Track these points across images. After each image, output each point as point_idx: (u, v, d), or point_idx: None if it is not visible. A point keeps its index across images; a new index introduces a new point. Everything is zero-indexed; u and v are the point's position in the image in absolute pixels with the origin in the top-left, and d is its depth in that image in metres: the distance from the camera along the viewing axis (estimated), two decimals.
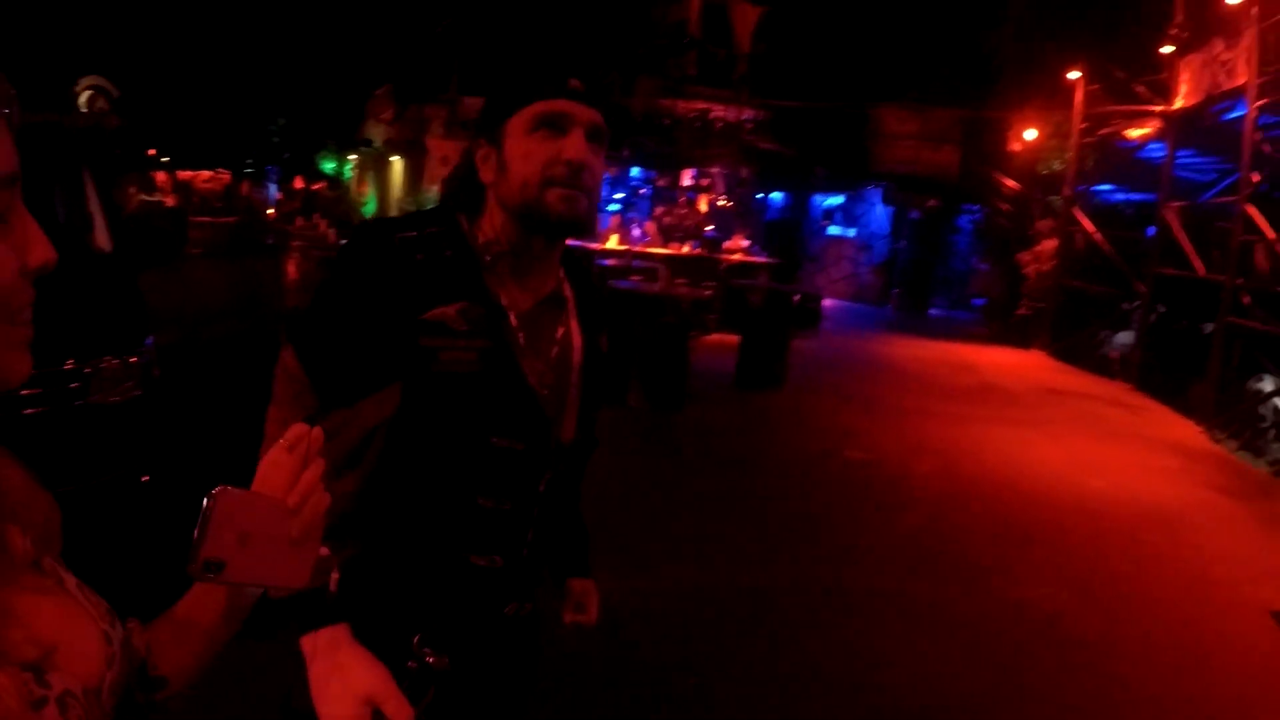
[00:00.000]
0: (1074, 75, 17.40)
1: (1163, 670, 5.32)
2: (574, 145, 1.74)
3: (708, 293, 14.30)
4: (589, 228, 1.87)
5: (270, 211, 36.52)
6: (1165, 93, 14.84)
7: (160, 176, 30.02)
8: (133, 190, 25.89)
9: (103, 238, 6.21)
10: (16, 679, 0.81)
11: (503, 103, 1.80)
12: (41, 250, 0.87)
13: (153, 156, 30.63)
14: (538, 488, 1.83)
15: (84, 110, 24.98)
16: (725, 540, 6.84)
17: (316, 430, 1.19)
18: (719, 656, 5.04)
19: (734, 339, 12.93)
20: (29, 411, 4.18)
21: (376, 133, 33.41)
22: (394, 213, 32.64)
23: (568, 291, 1.93)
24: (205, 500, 1.05)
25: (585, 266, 2.06)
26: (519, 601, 1.87)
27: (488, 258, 1.79)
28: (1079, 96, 17.48)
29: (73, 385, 4.43)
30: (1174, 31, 14.21)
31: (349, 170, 40.73)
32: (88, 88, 26.60)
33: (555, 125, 1.75)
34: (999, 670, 5.16)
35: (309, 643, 1.57)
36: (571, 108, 1.75)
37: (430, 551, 1.77)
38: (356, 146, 37.22)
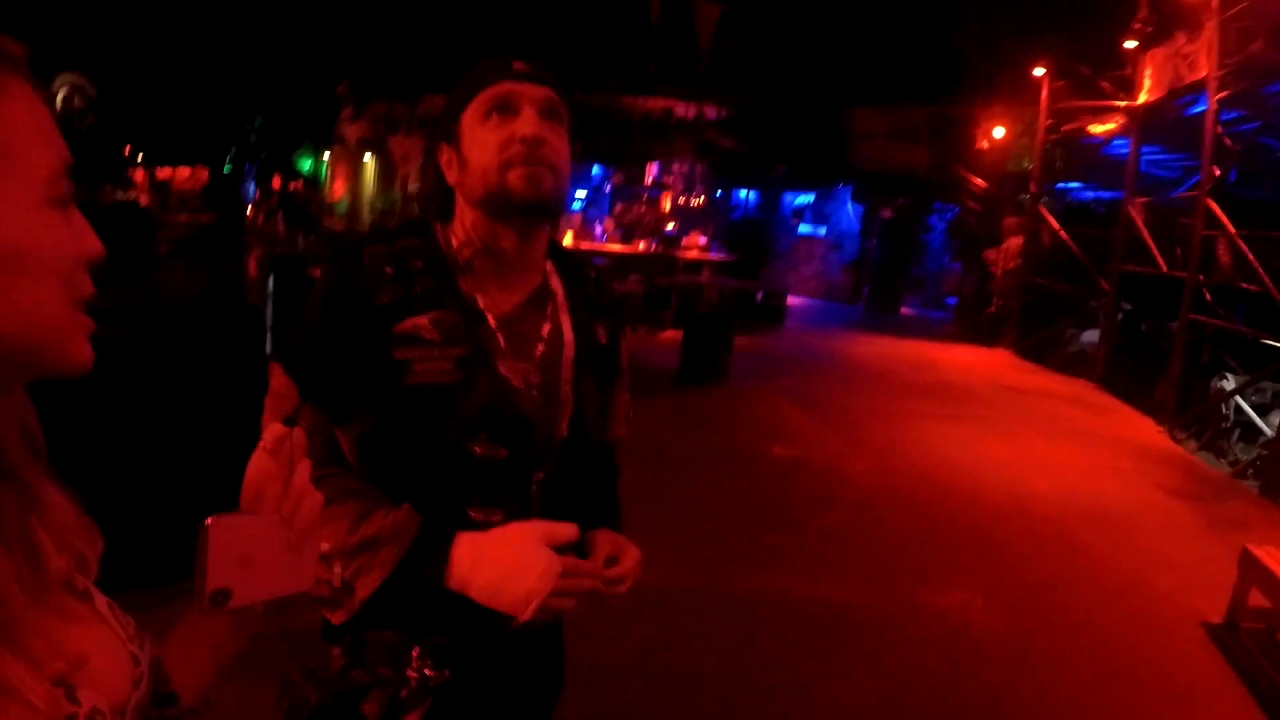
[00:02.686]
0: (1039, 72, 16.94)
1: (1074, 681, 4.85)
2: (526, 122, 1.70)
3: (637, 288, 13.83)
4: (557, 207, 1.79)
5: (248, 210, 36.31)
6: (1130, 88, 14.36)
7: (138, 174, 29.76)
8: (109, 186, 25.57)
9: None
10: (49, 691, 0.81)
11: (455, 101, 1.78)
12: (94, 243, 0.91)
13: (129, 155, 30.30)
14: (528, 492, 1.77)
15: (60, 108, 24.62)
16: (640, 536, 6.30)
17: (298, 431, 1.18)
18: (582, 654, 4.58)
19: None
20: None
21: (350, 131, 32.99)
22: (365, 211, 32.42)
23: (555, 285, 1.89)
24: (199, 534, 1.05)
25: (577, 259, 2.01)
26: None
27: (461, 261, 1.75)
28: (1044, 93, 17.01)
29: None
30: (1138, 25, 13.74)
31: (325, 168, 40.34)
32: (65, 85, 26.27)
33: (505, 107, 1.71)
34: (887, 676, 4.70)
35: (457, 582, 1.59)
36: (519, 87, 1.72)
37: None
38: (331, 145, 36.75)
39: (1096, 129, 15.40)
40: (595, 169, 23.76)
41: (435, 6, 22.44)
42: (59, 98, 26.14)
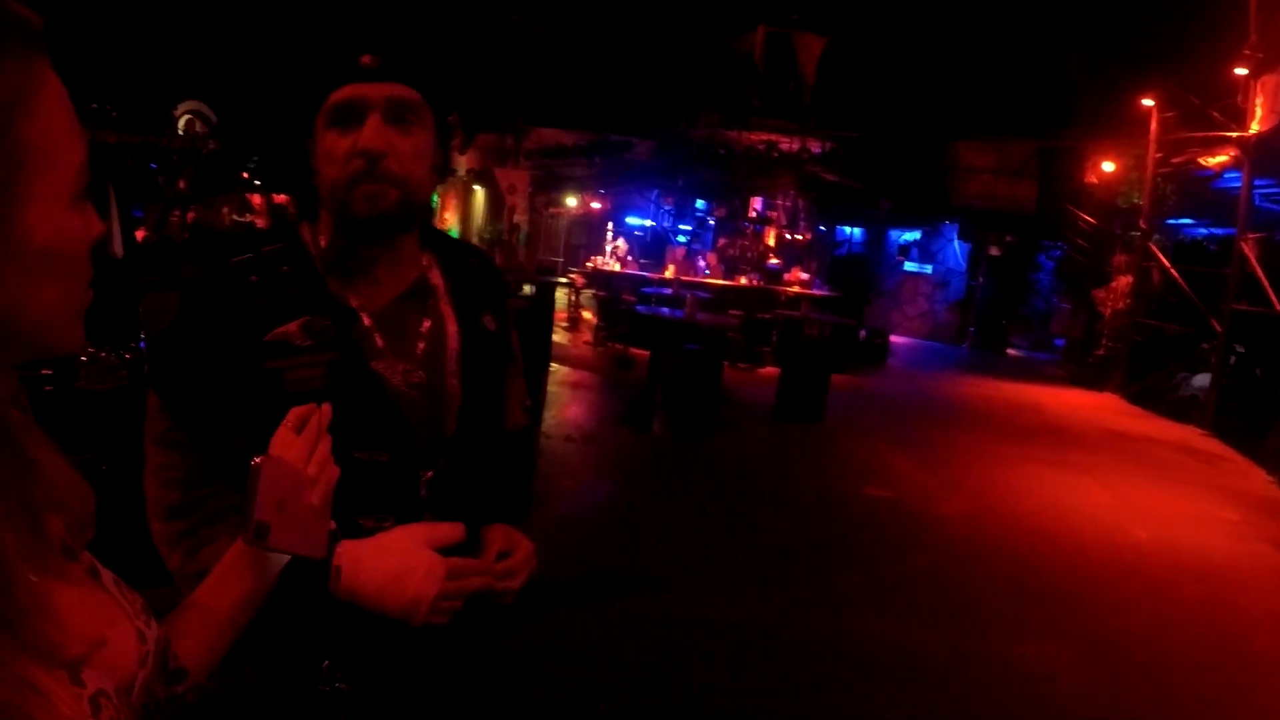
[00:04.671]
0: (1148, 102, 16.48)
1: None
2: (367, 133, 1.62)
3: (733, 321, 13.70)
4: (406, 220, 1.71)
5: None
6: (1241, 118, 13.86)
7: (255, 199, 30.61)
8: (226, 210, 26.38)
9: (117, 246, 7.18)
10: (62, 681, 0.81)
11: (305, 100, 1.71)
12: (99, 225, 0.93)
13: (248, 180, 31.19)
14: (418, 494, 1.70)
15: (182, 133, 25.53)
16: (717, 573, 6.37)
17: (325, 406, 1.32)
18: (648, 691, 4.64)
19: None
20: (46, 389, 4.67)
21: (461, 162, 33.61)
22: (474, 240, 32.91)
23: (436, 279, 1.82)
24: (252, 467, 1.18)
25: (460, 248, 1.96)
26: None
27: (331, 261, 1.70)
28: (1154, 124, 16.52)
29: (70, 370, 4.96)
30: (1247, 51, 13.28)
31: (435, 198, 41.19)
32: (186, 112, 27.20)
33: (348, 116, 1.63)
34: None
35: (343, 592, 1.51)
36: (361, 90, 1.63)
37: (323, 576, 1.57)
38: (442, 175, 37.50)
39: (1207, 161, 14.90)
40: (699, 203, 23.78)
41: (540, 42, 22.73)
42: (180, 123, 27.02)
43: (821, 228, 23.11)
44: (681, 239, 23.16)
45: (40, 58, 0.85)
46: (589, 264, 20.61)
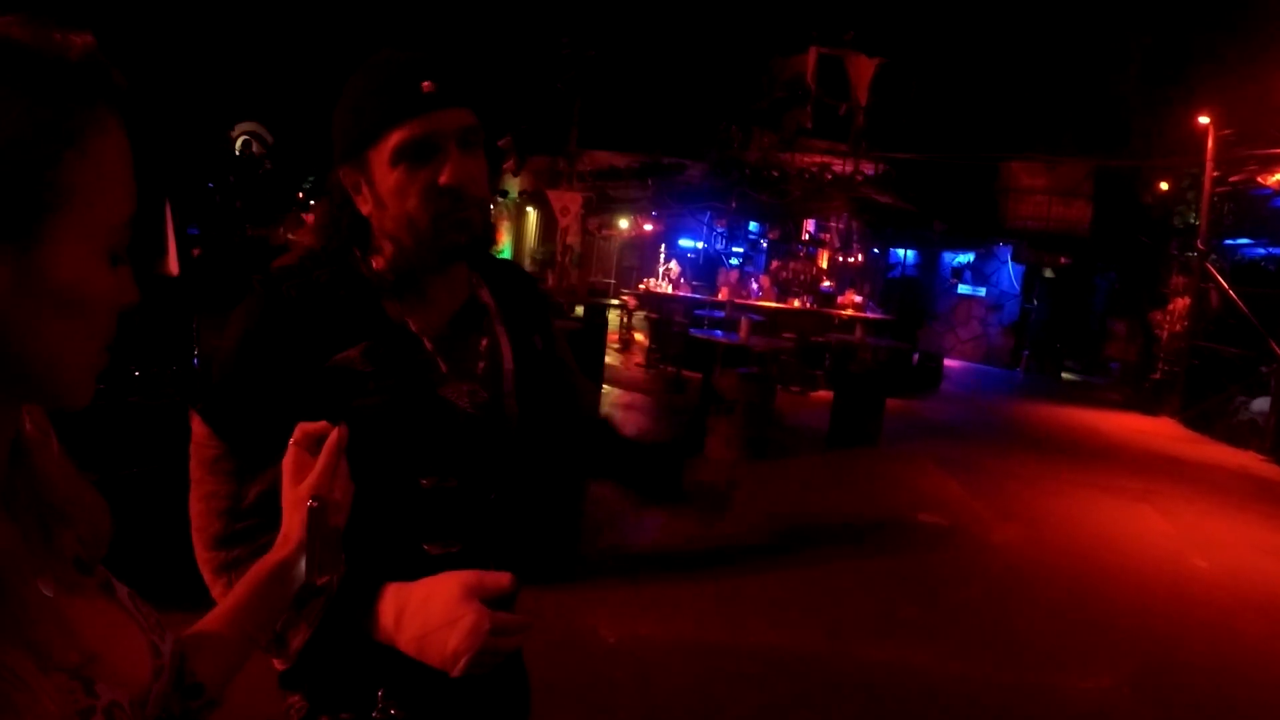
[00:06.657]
0: (1204, 120, 16.28)
1: None
2: (450, 169, 1.57)
3: (787, 344, 13.69)
4: (489, 240, 1.71)
5: None
6: None
7: (309, 218, 31.12)
8: (282, 229, 26.71)
9: (173, 264, 7.20)
10: (62, 685, 0.82)
11: (360, 127, 1.61)
12: (134, 293, 0.93)
13: (303, 199, 31.57)
14: (485, 515, 1.71)
15: (239, 154, 25.85)
16: (769, 600, 6.35)
17: (341, 427, 1.31)
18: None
19: None
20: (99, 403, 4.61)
21: (513, 184, 33.80)
22: (526, 262, 33.07)
23: (486, 297, 1.81)
24: (310, 511, 1.23)
25: (505, 267, 1.94)
26: None
27: (387, 286, 1.66)
28: (1210, 142, 16.30)
29: (124, 385, 5.05)
30: None
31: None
32: (243, 133, 27.49)
33: (423, 151, 1.56)
34: None
35: (381, 635, 1.51)
36: (433, 123, 1.56)
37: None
38: (494, 197, 37.69)
39: (1267, 179, 14.69)
40: (752, 225, 23.78)
41: (592, 65, 22.88)
42: (238, 144, 27.53)
43: (875, 250, 23.03)
44: (734, 261, 23.19)
45: (113, 115, 0.88)
46: (641, 286, 20.68)
